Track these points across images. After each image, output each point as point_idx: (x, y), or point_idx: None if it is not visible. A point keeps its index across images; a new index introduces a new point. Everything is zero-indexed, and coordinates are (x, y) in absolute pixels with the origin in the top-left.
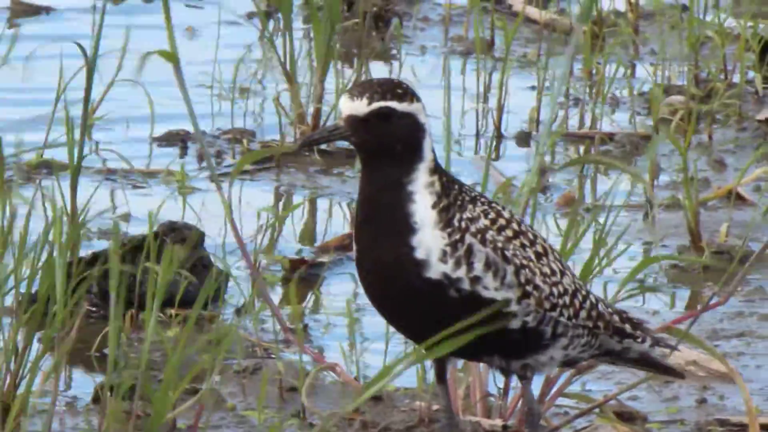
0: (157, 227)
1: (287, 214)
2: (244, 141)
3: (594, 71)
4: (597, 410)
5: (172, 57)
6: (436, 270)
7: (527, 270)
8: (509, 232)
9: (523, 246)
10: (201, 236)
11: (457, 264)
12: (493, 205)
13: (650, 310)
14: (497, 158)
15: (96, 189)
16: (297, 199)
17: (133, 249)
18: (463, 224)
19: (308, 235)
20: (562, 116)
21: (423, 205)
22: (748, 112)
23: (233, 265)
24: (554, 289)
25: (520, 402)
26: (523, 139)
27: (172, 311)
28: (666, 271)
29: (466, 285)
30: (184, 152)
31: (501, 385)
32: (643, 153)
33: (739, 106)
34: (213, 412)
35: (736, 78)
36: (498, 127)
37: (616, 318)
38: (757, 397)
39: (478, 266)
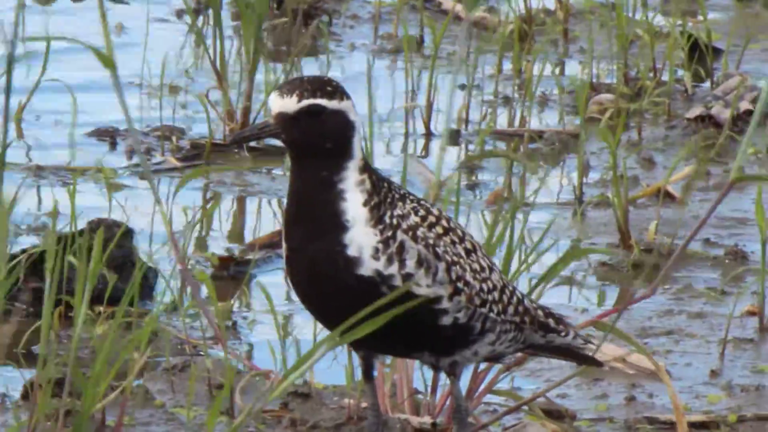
0: (86, 224)
1: (213, 210)
2: (174, 138)
3: (523, 69)
4: (526, 407)
5: (109, 62)
6: (368, 267)
7: (458, 267)
8: (439, 229)
9: (453, 243)
10: (129, 233)
11: (389, 261)
12: (422, 202)
13: (579, 308)
14: (426, 156)
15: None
16: (226, 196)
17: (61, 246)
18: (395, 221)
19: (237, 232)
20: (491, 114)
21: (354, 203)
22: (677, 110)
23: (162, 261)
24: (484, 285)
25: (449, 400)
26: (453, 137)
27: (101, 308)
28: (595, 269)
29: (398, 282)
30: (113, 149)
31: (429, 382)
32: (572, 151)
33: (668, 104)
34: (142, 409)
35: (666, 76)
36: (427, 125)
37: (540, 313)
38: (686, 395)
39: (410, 263)
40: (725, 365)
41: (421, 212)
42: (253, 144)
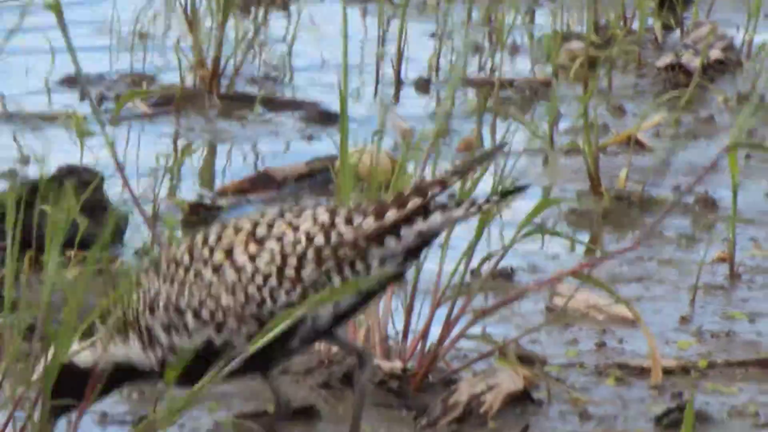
0: (56, 170)
1: (184, 157)
2: (144, 84)
3: (493, 18)
4: (497, 353)
5: (55, 8)
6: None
7: (206, 304)
8: (181, 273)
9: (197, 275)
10: (100, 179)
11: (153, 351)
12: (163, 253)
13: (550, 255)
14: (396, 104)
15: None
16: (196, 143)
17: (32, 191)
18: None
19: (207, 179)
20: (462, 63)
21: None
22: (648, 59)
23: (133, 207)
24: (250, 289)
25: (420, 344)
26: (423, 85)
27: (72, 252)
28: (566, 216)
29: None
30: (83, 97)
31: (400, 328)
32: (543, 99)
33: (638, 52)
34: None
35: (636, 25)
36: (397, 74)
37: (370, 221)
38: (656, 342)
39: (163, 337)
40: (696, 311)
41: (165, 268)
42: (222, 91)
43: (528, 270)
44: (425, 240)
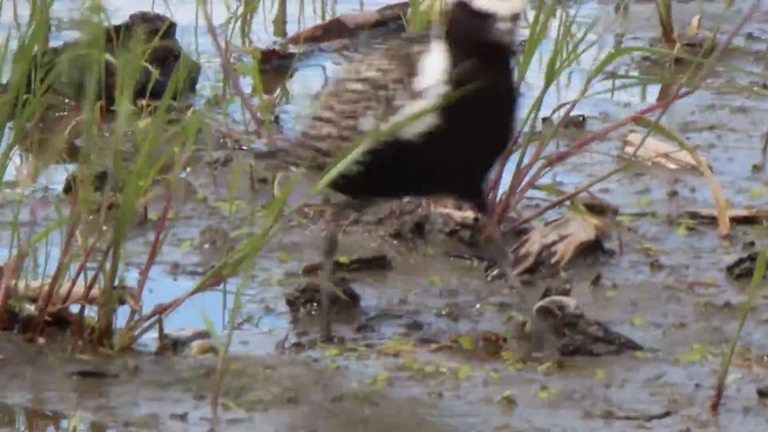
0: (129, 18)
1: (256, 4)
2: None
3: None
4: (568, 202)
5: None
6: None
7: None
8: None
9: None
10: (173, 26)
11: None
12: None
13: (621, 103)
14: None
15: None
16: None
17: (104, 39)
18: None
19: (280, 26)
20: None
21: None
22: None
23: (205, 57)
24: None
25: (491, 193)
26: None
27: (144, 102)
28: (638, 64)
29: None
30: None
31: None
32: None
33: None
34: (184, 203)
35: None
36: None
37: None
38: (727, 190)
39: None
40: None
41: None
42: None
43: (600, 118)
44: None
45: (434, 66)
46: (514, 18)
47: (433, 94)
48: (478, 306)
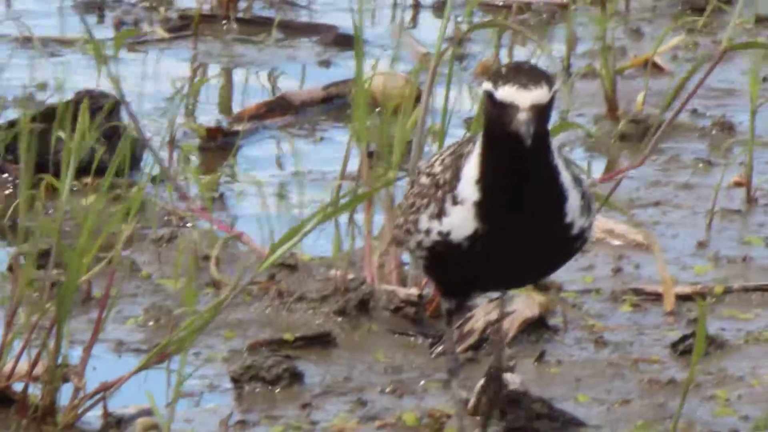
0: (74, 95)
1: (201, 82)
2: (161, 9)
3: None
4: None
5: None
6: (577, 226)
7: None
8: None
9: None
10: (117, 104)
11: (585, 215)
12: None
13: None
14: (414, 27)
15: (10, 57)
16: (213, 67)
17: (49, 116)
18: (579, 177)
19: (225, 103)
20: None
21: (564, 173)
22: None
23: (150, 133)
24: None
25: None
26: (440, 8)
27: (88, 180)
28: (583, 140)
29: (587, 229)
30: (101, 20)
31: None
32: (560, 22)
33: None
34: (128, 280)
35: None
36: None
37: None
38: (672, 267)
39: (594, 209)
40: (712, 236)
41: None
42: (239, 15)
43: None
44: None
45: (470, 171)
46: (535, 108)
47: (468, 201)
48: (422, 383)
